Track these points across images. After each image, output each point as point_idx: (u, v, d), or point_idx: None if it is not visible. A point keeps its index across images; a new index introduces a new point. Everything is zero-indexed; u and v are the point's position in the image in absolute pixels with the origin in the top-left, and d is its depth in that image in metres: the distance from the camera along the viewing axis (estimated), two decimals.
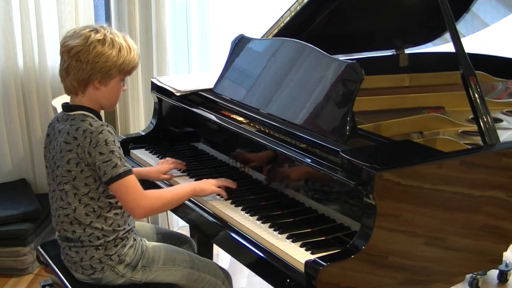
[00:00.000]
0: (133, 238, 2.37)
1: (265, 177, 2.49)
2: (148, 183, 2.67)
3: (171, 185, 2.64)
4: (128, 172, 2.22)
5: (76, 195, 2.26)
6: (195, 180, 2.61)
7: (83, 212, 2.26)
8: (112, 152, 2.20)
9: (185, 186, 2.44)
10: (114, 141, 2.23)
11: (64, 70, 2.26)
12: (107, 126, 2.24)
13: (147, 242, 2.43)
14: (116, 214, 2.30)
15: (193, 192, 2.41)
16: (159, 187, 2.68)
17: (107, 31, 2.25)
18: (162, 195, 2.38)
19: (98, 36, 2.22)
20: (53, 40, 3.97)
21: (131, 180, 2.23)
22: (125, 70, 2.28)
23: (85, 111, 2.27)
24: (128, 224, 2.35)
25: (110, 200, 2.29)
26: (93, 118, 2.27)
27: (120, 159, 2.22)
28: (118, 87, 2.31)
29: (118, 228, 2.31)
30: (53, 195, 2.34)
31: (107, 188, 2.25)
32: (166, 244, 2.49)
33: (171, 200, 2.38)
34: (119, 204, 2.30)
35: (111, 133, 2.23)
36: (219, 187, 2.44)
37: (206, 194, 2.44)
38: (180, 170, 2.72)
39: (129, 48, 2.28)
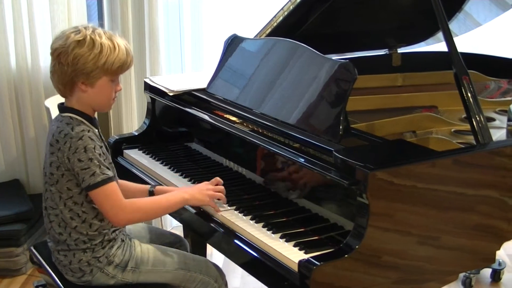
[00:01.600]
0: (121, 238, 2.34)
1: (258, 176, 2.49)
2: None
3: None
4: (107, 181, 2.17)
5: (61, 198, 2.23)
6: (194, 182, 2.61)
7: (68, 216, 2.24)
8: (90, 159, 2.15)
9: (174, 195, 2.36)
10: (94, 148, 2.17)
11: (51, 73, 2.24)
12: (88, 131, 2.18)
13: (137, 243, 2.40)
14: (101, 220, 2.26)
15: (184, 202, 2.34)
16: None
17: (89, 31, 2.18)
18: (143, 206, 2.29)
19: (78, 37, 2.16)
20: (46, 40, 3.95)
21: (110, 189, 2.18)
22: (111, 70, 2.21)
23: (73, 113, 2.23)
24: (113, 225, 2.30)
25: (94, 206, 2.24)
26: (80, 121, 2.22)
27: (100, 167, 2.16)
28: (107, 88, 2.25)
29: (104, 231, 2.28)
30: (45, 193, 2.32)
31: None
32: (155, 245, 2.45)
33: (155, 211, 2.34)
34: None
35: (92, 139, 2.18)
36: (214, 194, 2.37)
37: (201, 205, 2.38)
38: None
39: (114, 47, 2.20)
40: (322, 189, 2.23)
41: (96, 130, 2.27)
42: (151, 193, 2.53)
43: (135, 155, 2.98)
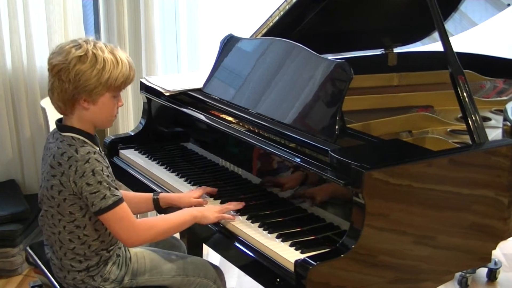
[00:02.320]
0: (116, 253, 2.29)
1: (254, 176, 2.49)
2: None
3: None
4: (118, 202, 2.10)
5: (60, 221, 2.17)
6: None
7: (67, 238, 2.18)
8: (100, 182, 2.08)
9: (184, 213, 2.30)
10: (102, 170, 2.09)
11: (50, 90, 2.14)
12: (94, 153, 2.10)
13: (132, 253, 2.35)
14: (102, 241, 2.22)
15: (194, 219, 2.28)
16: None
17: (91, 46, 2.09)
18: (156, 224, 2.24)
19: (79, 52, 2.07)
20: (42, 40, 3.95)
21: (122, 210, 2.12)
22: (114, 86, 2.12)
23: (75, 133, 2.14)
24: (111, 245, 2.26)
25: (97, 228, 2.19)
26: (83, 142, 2.14)
27: (109, 189, 2.09)
28: (110, 104, 2.15)
29: (101, 252, 2.23)
30: (43, 211, 2.25)
31: (94, 216, 2.15)
32: (152, 250, 2.41)
33: (167, 229, 2.26)
34: (107, 232, 2.21)
35: (98, 161, 2.10)
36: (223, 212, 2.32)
37: (209, 222, 2.30)
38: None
39: (116, 61, 2.11)
40: (318, 189, 2.23)
41: (98, 149, 2.19)
42: (156, 201, 2.49)
43: (131, 155, 2.97)
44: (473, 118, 2.29)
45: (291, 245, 2.08)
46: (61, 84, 2.09)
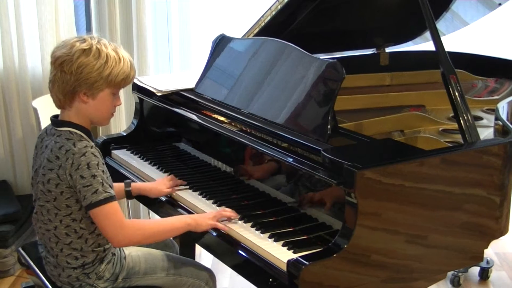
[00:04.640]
0: (112, 252, 2.30)
1: (247, 176, 2.49)
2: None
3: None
4: (109, 199, 2.11)
5: (57, 215, 2.18)
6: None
7: (63, 232, 2.19)
8: (94, 176, 2.09)
9: (178, 219, 2.30)
10: (97, 164, 2.11)
11: (51, 82, 2.17)
12: (91, 148, 2.13)
13: (126, 252, 2.36)
14: (98, 235, 2.22)
15: (187, 227, 2.26)
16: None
17: (95, 41, 2.14)
18: (145, 226, 2.23)
19: (83, 46, 2.12)
20: (33, 40, 3.94)
21: (112, 208, 2.12)
22: (114, 82, 2.17)
23: (72, 127, 2.17)
24: (107, 241, 2.26)
25: (93, 221, 2.19)
26: (81, 136, 2.17)
27: (102, 184, 2.10)
28: (108, 101, 2.20)
29: (98, 249, 2.24)
30: (35, 205, 2.26)
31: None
32: (146, 251, 2.43)
33: (156, 232, 2.24)
34: None
35: (95, 155, 2.12)
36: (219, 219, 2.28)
37: (203, 230, 2.28)
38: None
39: (119, 59, 2.16)
40: (310, 189, 2.23)
41: (94, 144, 2.20)
42: (128, 193, 2.55)
43: (123, 156, 2.97)
44: (465, 117, 2.30)
45: (283, 245, 2.08)
46: (63, 76, 2.13)
